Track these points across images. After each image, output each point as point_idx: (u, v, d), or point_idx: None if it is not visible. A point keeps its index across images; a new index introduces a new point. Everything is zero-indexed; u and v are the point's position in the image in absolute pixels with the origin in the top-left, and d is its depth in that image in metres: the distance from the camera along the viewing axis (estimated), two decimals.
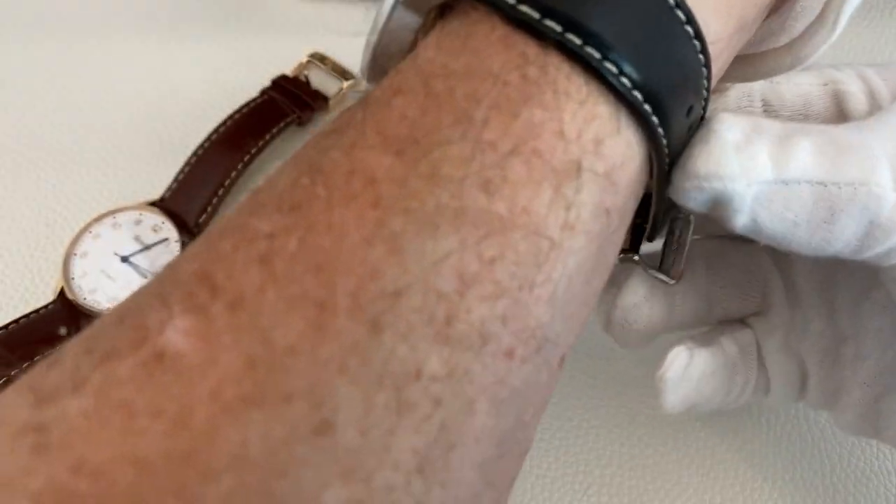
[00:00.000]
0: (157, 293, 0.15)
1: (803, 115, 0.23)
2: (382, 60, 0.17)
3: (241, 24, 0.39)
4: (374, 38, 0.17)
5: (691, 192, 0.19)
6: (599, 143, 0.16)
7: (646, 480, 0.28)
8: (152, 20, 0.39)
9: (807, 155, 0.19)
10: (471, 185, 0.15)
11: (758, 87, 0.23)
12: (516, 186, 0.15)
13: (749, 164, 0.18)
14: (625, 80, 0.16)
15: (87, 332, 0.15)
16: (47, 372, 0.14)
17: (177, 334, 0.14)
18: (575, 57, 0.16)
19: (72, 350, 0.14)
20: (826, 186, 0.18)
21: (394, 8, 0.17)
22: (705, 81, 0.18)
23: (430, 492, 0.15)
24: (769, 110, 0.24)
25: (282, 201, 0.15)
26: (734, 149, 0.19)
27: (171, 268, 0.15)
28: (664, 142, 0.17)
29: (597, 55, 0.16)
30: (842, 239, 0.19)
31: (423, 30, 0.17)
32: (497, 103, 0.16)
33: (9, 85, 0.37)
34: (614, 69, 0.16)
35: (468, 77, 0.16)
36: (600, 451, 0.29)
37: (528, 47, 0.16)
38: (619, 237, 0.18)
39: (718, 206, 0.19)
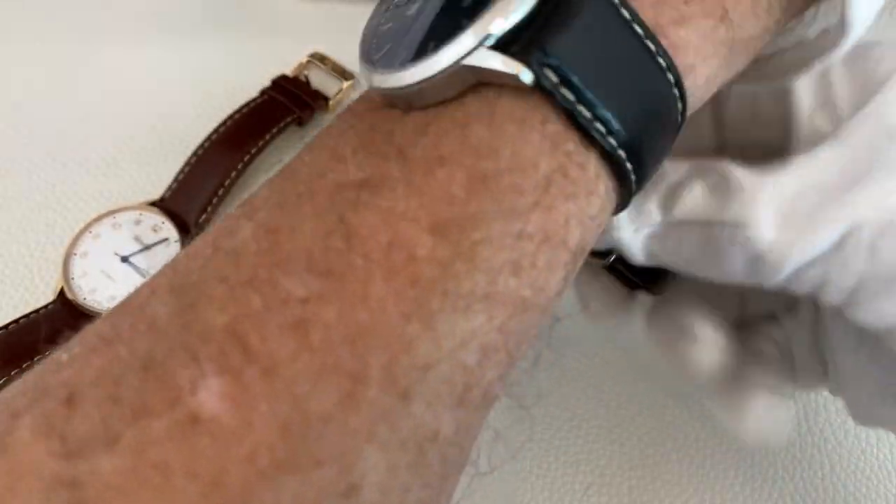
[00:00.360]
0: (185, 345, 0.15)
1: (751, 110, 0.23)
2: (406, 96, 0.17)
3: (241, 24, 0.39)
4: (413, 80, 0.17)
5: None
6: (600, 225, 0.18)
7: (646, 481, 0.28)
8: (152, 20, 0.39)
9: (696, 197, 0.20)
10: (504, 269, 0.16)
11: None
12: (542, 271, 0.16)
13: (637, 212, 0.20)
14: (632, 173, 0.17)
15: (104, 371, 0.15)
16: (69, 416, 0.14)
17: (211, 397, 0.14)
18: (608, 159, 0.17)
19: (92, 395, 0.14)
20: (711, 226, 0.20)
21: (454, 65, 0.16)
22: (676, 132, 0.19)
23: None
24: (718, 113, 0.24)
25: (313, 262, 0.15)
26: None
27: (195, 311, 0.15)
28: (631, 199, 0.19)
29: (623, 155, 0.17)
30: (734, 272, 0.20)
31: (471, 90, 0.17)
32: (539, 199, 0.16)
33: (8, 85, 0.37)
34: (630, 167, 0.17)
35: (516, 169, 0.16)
36: (600, 452, 0.29)
37: (576, 148, 0.17)
38: None
39: (617, 246, 0.21)
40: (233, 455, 0.14)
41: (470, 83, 0.17)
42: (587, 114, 0.16)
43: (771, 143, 0.23)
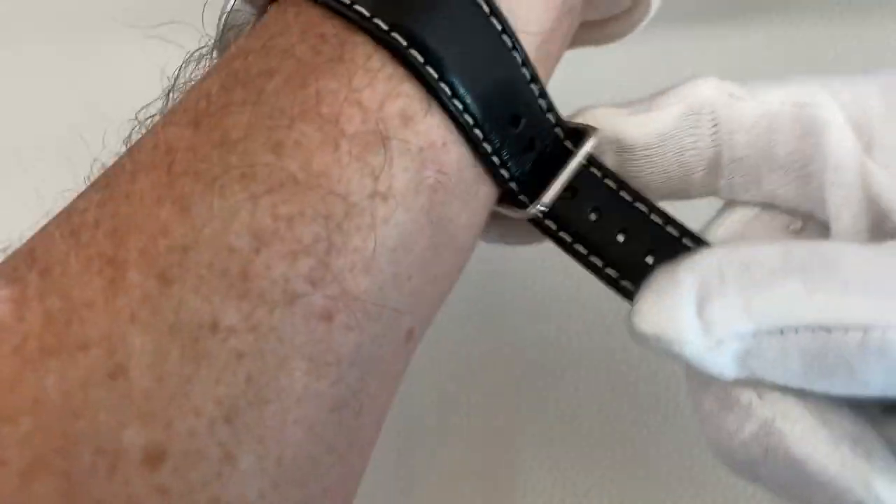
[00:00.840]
0: None
1: (765, 144, 0.19)
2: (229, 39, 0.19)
3: None
4: (220, 21, 0.19)
5: (644, 344, 0.17)
6: (408, 120, 0.17)
7: (646, 482, 0.28)
8: (151, 19, 0.39)
9: (800, 296, 0.16)
10: (260, 147, 0.16)
11: (709, 103, 0.19)
12: (310, 149, 0.16)
13: (711, 319, 0.16)
14: (431, 69, 0.17)
15: None
16: None
17: None
18: (379, 41, 0.17)
19: None
20: (830, 332, 0.16)
21: (233, 1, 0.19)
22: (530, 86, 0.18)
23: (241, 442, 0.15)
24: (718, 132, 0.19)
25: (101, 180, 0.17)
26: (696, 302, 0.16)
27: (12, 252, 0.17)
28: (477, 133, 0.18)
29: (403, 42, 0.17)
30: (874, 386, 0.16)
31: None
32: (289, 76, 0.17)
33: (7, 84, 0.37)
34: (420, 58, 0.17)
35: (263, 55, 0.17)
36: (601, 453, 0.28)
37: (327, 28, 0.17)
38: (471, 223, 0.19)
39: (687, 363, 0.17)
40: (4, 347, 0.15)
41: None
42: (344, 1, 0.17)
43: (789, 177, 0.19)
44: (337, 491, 0.17)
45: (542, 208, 0.19)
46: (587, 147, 0.19)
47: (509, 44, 0.18)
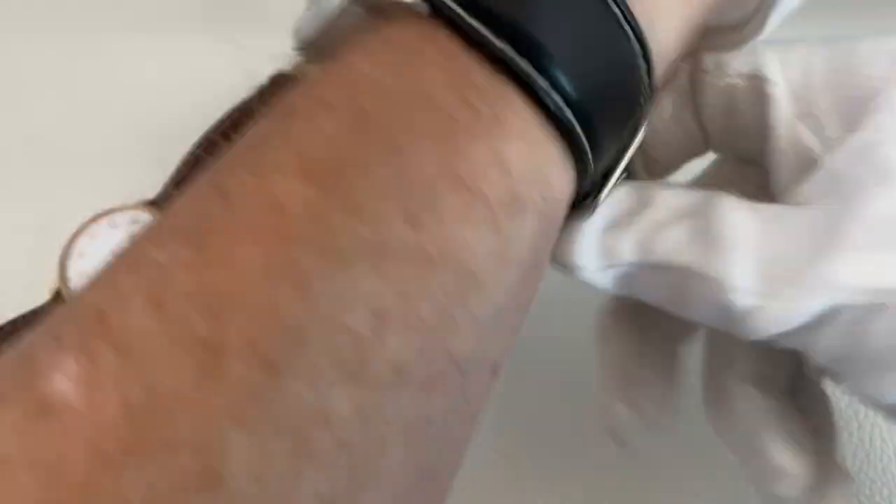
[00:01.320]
0: (53, 331, 0.14)
1: (727, 113, 0.21)
2: (321, 41, 0.17)
3: (240, 23, 0.39)
4: (313, 17, 0.17)
5: (563, 270, 0.20)
6: (544, 180, 0.16)
7: (646, 483, 0.28)
8: (150, 19, 0.39)
9: (677, 241, 0.19)
10: (395, 219, 0.14)
11: (688, 82, 0.22)
12: (450, 223, 0.14)
13: (610, 249, 0.19)
14: (569, 114, 0.16)
15: None
16: None
17: (65, 380, 0.13)
18: (524, 86, 0.15)
19: None
20: (687, 274, 0.18)
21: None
22: (645, 98, 0.18)
23: None
24: (698, 112, 0.22)
25: (183, 229, 0.14)
26: (599, 233, 0.19)
27: (75, 300, 0.14)
28: (592, 170, 0.17)
29: (559, 100, 0.15)
30: (709, 321, 0.19)
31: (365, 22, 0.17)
32: (433, 132, 0.14)
33: (5, 84, 0.37)
34: (562, 102, 0.15)
35: (403, 100, 0.15)
36: (601, 455, 0.28)
37: (476, 73, 0.15)
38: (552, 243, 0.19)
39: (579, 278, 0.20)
40: (75, 441, 0.12)
41: (366, 19, 0.16)
42: (486, 31, 0.15)
43: (749, 140, 0.21)
44: None
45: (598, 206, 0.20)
46: (637, 140, 0.19)
47: (645, 81, 0.17)
